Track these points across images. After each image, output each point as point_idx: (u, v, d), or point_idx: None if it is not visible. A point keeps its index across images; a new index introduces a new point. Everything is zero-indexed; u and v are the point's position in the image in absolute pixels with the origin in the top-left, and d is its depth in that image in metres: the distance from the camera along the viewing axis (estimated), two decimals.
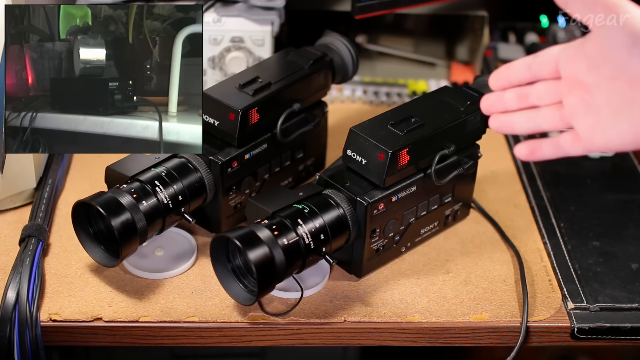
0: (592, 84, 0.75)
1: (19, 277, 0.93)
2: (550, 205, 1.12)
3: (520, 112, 0.81)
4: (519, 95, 0.81)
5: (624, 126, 0.74)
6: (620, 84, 0.73)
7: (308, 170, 1.12)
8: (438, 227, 1.05)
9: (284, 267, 0.89)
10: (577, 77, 0.76)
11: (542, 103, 0.80)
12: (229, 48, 1.22)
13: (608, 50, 0.73)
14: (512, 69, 0.81)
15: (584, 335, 0.96)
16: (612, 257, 1.05)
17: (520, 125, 0.81)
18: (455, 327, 0.95)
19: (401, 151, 0.94)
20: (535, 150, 0.81)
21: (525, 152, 0.82)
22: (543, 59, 0.79)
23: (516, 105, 0.81)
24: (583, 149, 0.78)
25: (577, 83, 0.76)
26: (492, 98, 0.83)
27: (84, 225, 0.95)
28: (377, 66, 1.40)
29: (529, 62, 0.80)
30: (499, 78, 0.82)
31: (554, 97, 0.79)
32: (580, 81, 0.76)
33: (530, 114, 0.81)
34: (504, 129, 0.82)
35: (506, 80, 0.81)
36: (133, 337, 0.94)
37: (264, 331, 0.94)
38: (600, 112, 0.75)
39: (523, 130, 0.82)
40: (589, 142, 0.77)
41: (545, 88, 0.79)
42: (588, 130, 0.77)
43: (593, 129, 0.76)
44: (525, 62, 0.80)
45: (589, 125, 0.76)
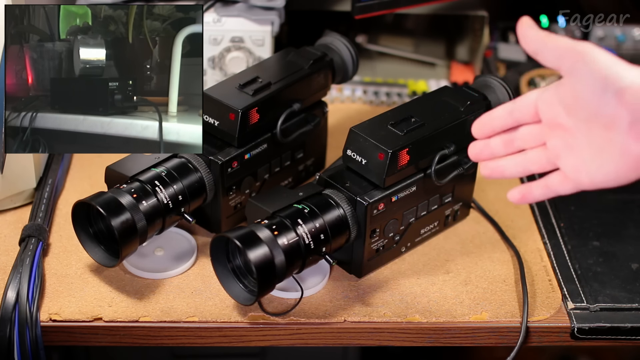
0: (572, 127, 0.77)
1: (19, 277, 0.93)
2: (550, 205, 1.12)
3: (508, 157, 0.83)
4: (505, 141, 0.83)
5: (606, 165, 0.76)
6: (597, 127, 0.75)
7: (308, 170, 1.12)
8: (438, 227, 1.05)
9: (284, 267, 0.89)
10: (556, 121, 0.78)
11: (528, 146, 0.82)
12: (229, 48, 1.22)
13: (580, 96, 0.75)
14: (494, 117, 0.83)
15: (584, 335, 0.96)
16: (612, 257, 1.05)
17: (509, 170, 0.83)
18: (455, 327, 0.95)
19: (401, 151, 0.94)
20: (527, 194, 0.83)
21: (518, 197, 0.83)
22: (522, 105, 0.81)
23: (503, 151, 0.83)
24: (571, 187, 0.80)
25: (558, 126, 0.78)
26: (479, 146, 0.85)
27: (84, 225, 0.95)
28: (377, 66, 1.40)
29: (510, 109, 0.82)
30: (482, 126, 0.84)
31: (538, 139, 0.81)
32: (560, 124, 0.78)
33: (517, 158, 0.83)
34: (495, 175, 0.85)
35: (490, 128, 0.83)
36: (133, 337, 0.94)
37: (264, 331, 0.94)
38: (583, 152, 0.77)
39: (513, 174, 0.84)
40: (576, 181, 0.79)
41: (528, 132, 0.81)
42: (573, 170, 0.78)
43: (578, 168, 0.78)
44: (506, 109, 0.82)
45: (574, 165, 0.78)
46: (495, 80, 1.03)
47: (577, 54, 0.74)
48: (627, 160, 0.75)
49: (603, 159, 0.76)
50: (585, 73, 0.74)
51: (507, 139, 0.83)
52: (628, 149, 0.74)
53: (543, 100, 0.79)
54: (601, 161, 0.76)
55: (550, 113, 0.78)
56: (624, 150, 0.74)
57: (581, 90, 0.74)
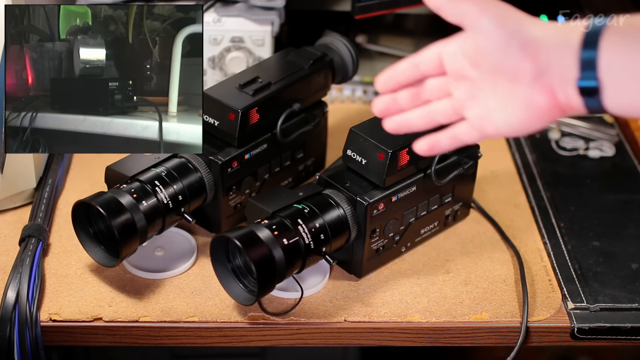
0: (476, 78, 0.78)
1: (19, 277, 0.93)
2: (550, 205, 1.12)
3: (414, 110, 0.83)
4: (411, 95, 0.82)
5: (511, 116, 0.77)
6: (501, 79, 0.76)
7: (308, 170, 1.12)
8: (438, 227, 1.05)
9: (284, 267, 0.89)
10: (461, 72, 0.79)
11: (434, 98, 0.82)
12: (229, 48, 1.22)
13: (484, 50, 0.75)
14: (399, 71, 0.82)
15: (584, 335, 0.96)
16: (612, 257, 1.05)
17: (416, 122, 0.83)
18: (455, 327, 0.95)
19: (401, 151, 0.94)
20: (434, 144, 0.83)
21: (425, 148, 0.83)
22: (427, 58, 0.81)
23: (410, 105, 0.83)
24: (477, 137, 0.80)
25: (462, 77, 0.79)
26: (385, 101, 0.83)
27: (84, 225, 0.95)
28: (377, 66, 1.40)
29: (415, 62, 0.82)
30: (387, 80, 0.83)
31: (444, 91, 0.81)
32: (465, 76, 0.78)
33: (423, 110, 0.83)
34: (401, 128, 0.84)
35: (395, 82, 0.83)
36: (133, 337, 0.94)
37: (264, 331, 0.94)
38: (488, 103, 0.78)
39: (419, 127, 0.83)
40: (481, 131, 0.80)
41: (434, 84, 0.81)
42: (478, 120, 0.79)
43: (483, 118, 0.79)
44: (411, 62, 0.82)
45: (479, 115, 0.79)
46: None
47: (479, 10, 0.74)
48: (532, 112, 0.76)
49: (508, 110, 0.77)
50: (489, 28, 0.74)
51: (413, 92, 0.82)
52: (532, 100, 0.75)
53: (447, 52, 0.79)
54: (506, 112, 0.77)
55: (454, 65, 0.79)
56: (528, 102, 0.75)
57: (485, 44, 0.75)
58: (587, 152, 1.23)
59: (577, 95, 0.73)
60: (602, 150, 1.23)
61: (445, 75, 0.80)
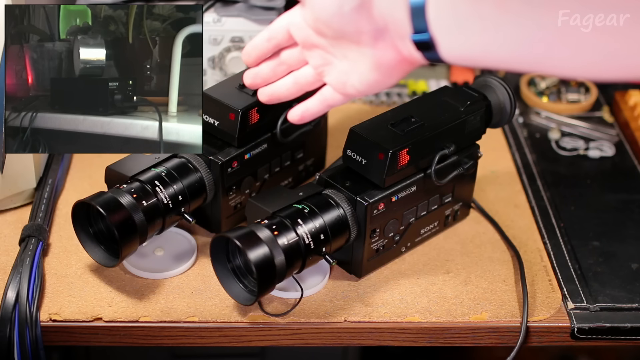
0: (325, 45, 0.81)
1: (19, 277, 0.93)
2: (550, 205, 1.12)
3: (281, 80, 0.88)
4: (272, 67, 0.87)
5: (365, 76, 0.80)
6: (346, 43, 0.78)
7: (308, 170, 1.12)
8: (438, 227, 1.05)
9: (284, 267, 0.89)
10: (309, 41, 0.82)
11: (294, 68, 0.86)
12: (229, 48, 1.22)
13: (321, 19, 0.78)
14: (255, 46, 0.87)
15: (584, 335, 0.96)
16: (612, 257, 1.05)
17: (284, 91, 0.88)
18: (455, 327, 0.95)
19: (401, 151, 0.94)
20: (305, 111, 0.87)
21: (298, 117, 0.88)
22: (276, 30, 0.84)
23: (273, 76, 0.88)
24: (342, 98, 0.84)
25: (312, 45, 0.82)
26: (250, 74, 0.89)
27: (84, 225, 0.95)
28: None
29: (267, 36, 0.85)
30: (248, 55, 0.88)
31: (301, 60, 0.85)
32: (314, 44, 0.81)
33: (289, 80, 0.87)
34: (273, 99, 0.89)
35: (255, 56, 0.87)
36: (133, 337, 0.94)
37: (264, 331, 0.94)
38: (342, 66, 0.81)
39: (289, 95, 0.88)
40: (344, 93, 0.83)
41: (289, 55, 0.85)
42: (337, 83, 0.83)
43: (341, 81, 0.82)
44: (264, 37, 0.86)
45: (336, 79, 0.82)
46: (495, 80, 1.03)
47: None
48: (382, 69, 0.78)
49: (361, 71, 0.79)
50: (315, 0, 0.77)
51: (273, 64, 0.87)
52: (379, 59, 0.77)
53: (293, 24, 0.82)
54: (359, 73, 0.80)
55: (302, 35, 0.82)
56: (376, 61, 0.78)
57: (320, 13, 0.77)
58: (587, 152, 1.23)
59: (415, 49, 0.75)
60: (602, 150, 1.23)
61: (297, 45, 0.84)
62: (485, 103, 1.01)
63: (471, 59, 0.74)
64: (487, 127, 1.03)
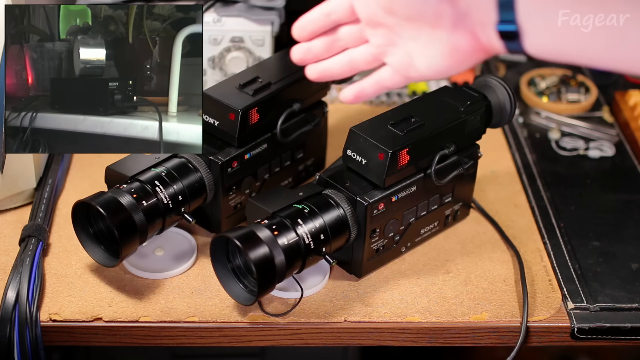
0: (394, 25, 0.76)
1: (19, 277, 0.93)
2: (550, 205, 1.12)
3: (334, 58, 0.82)
4: (327, 43, 0.82)
5: (434, 60, 0.76)
6: (421, 25, 0.74)
7: (308, 170, 1.12)
8: (438, 227, 1.05)
9: (284, 267, 0.89)
10: (376, 19, 0.77)
11: (350, 46, 0.81)
12: (229, 48, 1.22)
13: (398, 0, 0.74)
14: (311, 20, 0.81)
15: (584, 335, 0.96)
16: (612, 257, 1.05)
17: (336, 70, 0.82)
18: (455, 327, 0.95)
19: (401, 151, 0.94)
20: (359, 92, 0.82)
21: (351, 97, 0.83)
22: (338, 5, 0.79)
23: (326, 53, 0.82)
24: (401, 81, 0.80)
25: (378, 24, 0.77)
26: (302, 49, 0.84)
27: (84, 225, 0.95)
28: None
29: (326, 11, 0.80)
30: (301, 30, 0.82)
31: (360, 38, 0.80)
32: (381, 22, 0.76)
33: (343, 58, 0.82)
34: (324, 77, 0.83)
35: (308, 31, 0.82)
36: (133, 337, 0.94)
37: (264, 331, 0.94)
38: (408, 48, 0.76)
39: (341, 74, 0.83)
40: (405, 75, 0.79)
41: (349, 32, 0.80)
42: (401, 65, 0.78)
43: (405, 63, 0.77)
44: (323, 11, 0.80)
45: (400, 60, 0.78)
46: (495, 80, 1.03)
47: None
48: (455, 55, 0.75)
49: (431, 55, 0.75)
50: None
51: (328, 41, 0.82)
52: (455, 45, 0.74)
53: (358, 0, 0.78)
54: (429, 56, 0.76)
55: (367, 12, 0.77)
56: (450, 47, 0.74)
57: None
58: (587, 152, 1.23)
59: (498, 39, 0.72)
60: (602, 150, 1.23)
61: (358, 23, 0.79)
62: (485, 103, 1.01)
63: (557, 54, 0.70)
64: (487, 127, 1.03)
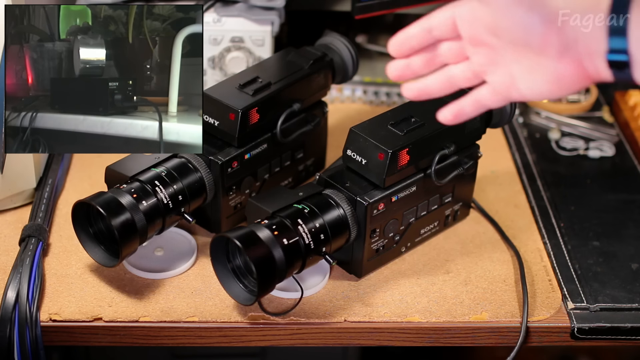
0: (497, 46, 0.74)
1: (19, 277, 0.93)
2: (550, 205, 1.12)
3: (432, 76, 0.79)
4: (426, 60, 0.79)
5: (537, 85, 0.74)
6: (525, 50, 0.72)
7: (308, 170, 1.12)
8: (438, 227, 1.05)
9: (284, 267, 0.89)
10: (479, 38, 0.75)
11: (450, 62, 0.78)
12: (229, 48, 1.22)
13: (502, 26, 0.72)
14: (412, 36, 0.78)
15: (584, 335, 0.96)
16: (612, 257, 1.05)
17: (435, 88, 0.79)
18: (455, 327, 0.95)
19: (401, 151, 0.94)
20: (459, 112, 0.79)
21: (450, 117, 0.80)
22: (440, 22, 0.77)
23: (425, 70, 0.79)
24: (501, 101, 0.77)
25: (481, 43, 0.75)
26: (399, 66, 0.80)
27: (84, 225, 0.95)
28: (377, 66, 1.40)
29: (427, 27, 0.77)
30: (400, 45, 0.79)
31: (460, 55, 0.77)
32: (483, 42, 0.74)
33: (441, 76, 0.79)
34: (421, 95, 0.80)
35: (408, 47, 0.79)
36: (133, 337, 0.94)
37: (264, 331, 0.94)
38: (511, 69, 0.74)
39: (439, 92, 0.80)
40: (505, 96, 0.76)
41: (449, 48, 0.78)
42: (502, 85, 0.76)
43: (506, 83, 0.75)
44: (423, 27, 0.78)
45: (502, 80, 0.75)
46: None
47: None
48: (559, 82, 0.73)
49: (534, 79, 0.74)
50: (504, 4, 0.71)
51: (427, 57, 0.79)
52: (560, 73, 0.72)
53: (461, 17, 0.75)
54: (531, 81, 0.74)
55: (470, 31, 0.75)
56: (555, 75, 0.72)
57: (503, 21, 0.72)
58: (587, 152, 1.23)
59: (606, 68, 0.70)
60: (602, 150, 1.23)
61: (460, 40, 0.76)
62: None
63: None
64: (487, 127, 1.03)
